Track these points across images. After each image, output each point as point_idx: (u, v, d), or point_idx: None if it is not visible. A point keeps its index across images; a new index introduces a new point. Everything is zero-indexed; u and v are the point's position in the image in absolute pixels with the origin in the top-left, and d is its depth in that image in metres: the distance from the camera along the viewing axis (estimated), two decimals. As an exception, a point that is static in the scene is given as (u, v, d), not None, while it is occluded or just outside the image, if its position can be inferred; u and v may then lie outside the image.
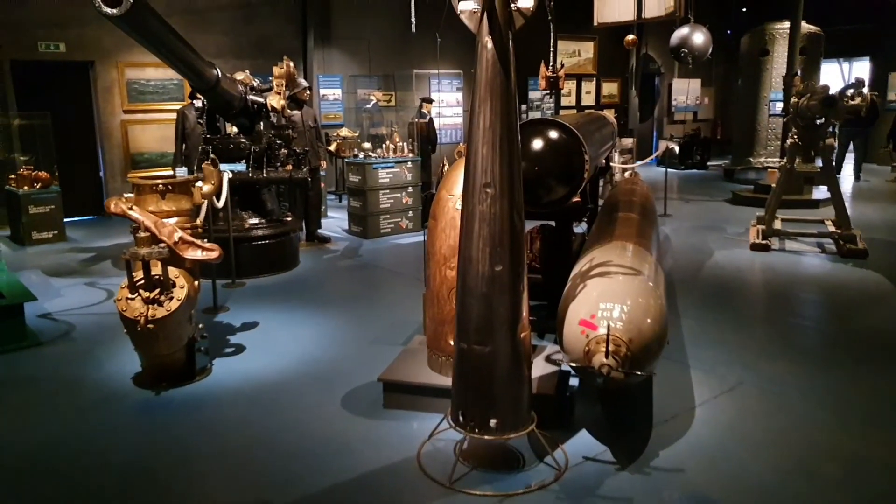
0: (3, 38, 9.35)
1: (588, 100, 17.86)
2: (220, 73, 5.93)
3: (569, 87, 17.50)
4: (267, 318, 5.52)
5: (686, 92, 19.58)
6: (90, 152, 10.59)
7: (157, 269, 3.93)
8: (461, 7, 3.04)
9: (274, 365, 4.54)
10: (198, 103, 6.96)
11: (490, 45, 2.94)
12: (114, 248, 8.26)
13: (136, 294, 3.89)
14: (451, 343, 3.59)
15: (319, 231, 8.69)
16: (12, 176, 8.64)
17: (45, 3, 9.42)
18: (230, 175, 6.46)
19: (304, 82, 8.36)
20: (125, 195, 4.15)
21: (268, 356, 4.70)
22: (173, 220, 4.18)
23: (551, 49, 13.81)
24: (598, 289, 3.42)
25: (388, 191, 9.02)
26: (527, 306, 3.14)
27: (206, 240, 4.35)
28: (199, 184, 4.34)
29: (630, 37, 14.40)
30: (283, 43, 11.66)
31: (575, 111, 17.36)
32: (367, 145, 9.17)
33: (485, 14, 2.93)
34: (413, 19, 9.85)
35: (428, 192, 10.09)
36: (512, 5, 2.95)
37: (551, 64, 13.68)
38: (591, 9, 13.22)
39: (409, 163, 9.27)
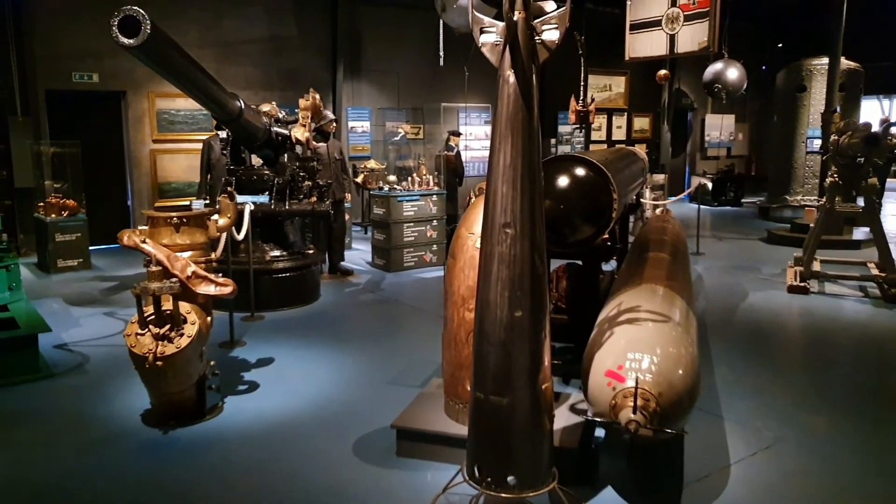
0: (39, 69, 9.54)
1: (619, 135, 17.69)
2: (242, 105, 5.90)
3: (599, 121, 17.36)
4: (283, 355, 5.38)
5: (720, 127, 19.30)
6: (119, 181, 10.71)
7: (168, 304, 3.82)
8: (482, 39, 2.91)
9: (287, 405, 4.39)
10: (223, 134, 6.95)
11: (512, 79, 2.80)
12: (137, 277, 8.23)
13: (146, 329, 3.78)
14: (469, 389, 3.40)
15: (342, 263, 8.58)
16: (41, 204, 8.72)
17: (79, 34, 9.60)
18: (252, 207, 6.40)
19: (330, 114, 8.34)
20: (139, 227, 4.07)
21: (281, 395, 4.55)
22: (187, 254, 4.08)
23: (582, 83, 13.75)
24: (625, 337, 3.21)
25: (412, 224, 8.90)
26: (549, 355, 2.94)
27: (221, 274, 4.24)
28: (215, 217, 4.25)
29: (662, 71, 14.25)
30: (313, 75, 11.75)
31: (605, 146, 17.21)
32: (392, 178, 9.11)
33: (507, 47, 2.80)
34: (441, 52, 9.86)
35: (454, 225, 9.98)
36: (536, 38, 2.81)
37: (582, 98, 13.60)
38: (623, 43, 13.15)
39: (435, 195, 9.16)
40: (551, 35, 2.84)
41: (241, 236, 5.94)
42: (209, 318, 4.12)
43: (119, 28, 3.55)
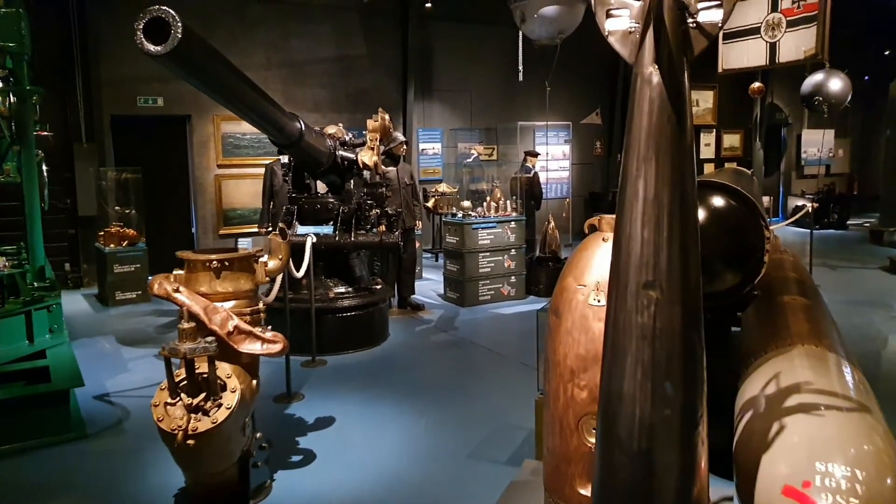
0: (104, 94, 9.30)
1: (707, 153, 16.47)
2: (303, 127, 5.27)
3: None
4: (346, 412, 4.65)
5: (818, 144, 17.76)
6: (183, 207, 10.37)
7: (203, 367, 3.14)
8: (609, 27, 2.09)
9: (348, 483, 3.64)
10: (284, 159, 6.37)
11: (655, 78, 1.97)
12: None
13: (178, 398, 3.10)
14: (581, 492, 2.57)
15: (412, 297, 7.86)
16: (101, 232, 8.38)
17: (144, 58, 9.28)
18: (314, 239, 5.76)
19: (400, 136, 7.68)
20: (175, 272, 3.43)
21: (342, 469, 3.81)
22: (230, 304, 3.41)
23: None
24: (804, 434, 2.30)
25: (488, 253, 8.11)
26: (705, 469, 2.07)
27: (269, 328, 3.55)
28: (264, 259, 3.58)
29: (756, 84, 13.10)
30: (383, 96, 11.19)
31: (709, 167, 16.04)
32: (466, 204, 8.36)
33: (647, 33, 1.98)
34: (521, 67, 9.11)
35: (532, 254, 9.12)
36: (689, 20, 1.98)
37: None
38: (713, 54, 12.02)
39: (513, 222, 8.35)
40: (712, 15, 1.99)
41: (300, 273, 5.29)
42: (255, 382, 3.42)
43: (145, 33, 2.94)
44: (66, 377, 4.43)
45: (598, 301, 2.60)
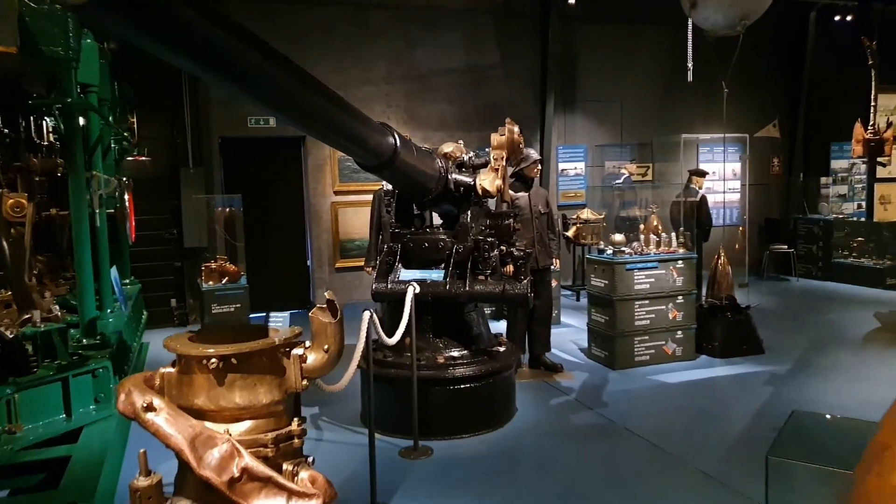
0: (213, 115, 8.60)
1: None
2: (398, 142, 3.92)
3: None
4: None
5: None
6: (297, 238, 9.47)
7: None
8: None
9: None
10: (389, 185, 5.10)
11: None
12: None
13: None
14: None
15: (547, 355, 6.30)
16: (203, 267, 7.55)
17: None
18: (416, 289, 4.40)
19: (533, 153, 6.20)
20: (161, 369, 2.17)
21: None
22: (242, 427, 2.09)
23: (872, 103, 10.31)
24: None
25: (647, 301, 6.39)
26: None
27: (308, 462, 2.18)
28: (300, 351, 2.23)
29: None
30: (518, 110, 9.74)
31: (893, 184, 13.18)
32: (618, 237, 6.67)
33: None
34: (690, 64, 7.35)
35: (700, 301, 7.21)
36: None
37: (871, 123, 10.17)
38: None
39: (680, 260, 6.57)
40: None
41: (394, 340, 3.94)
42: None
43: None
44: (82, 479, 3.33)
45: None
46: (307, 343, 2.27)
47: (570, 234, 9.59)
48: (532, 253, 5.13)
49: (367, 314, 3.49)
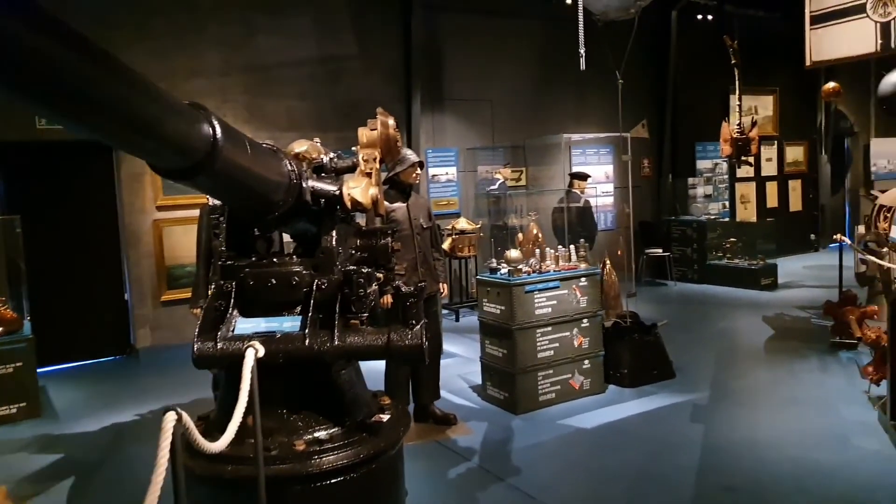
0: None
1: (769, 169, 13.80)
2: (219, 132, 2.48)
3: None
4: None
5: (890, 154, 15.11)
6: (110, 266, 7.55)
7: None
8: None
9: None
10: (215, 200, 3.62)
11: None
12: (120, 429, 4.99)
13: None
14: None
15: (436, 405, 5.08)
16: None
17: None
18: (260, 352, 2.98)
19: (411, 155, 4.97)
20: None
21: None
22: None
23: (737, 102, 10.10)
24: None
25: (549, 328, 5.35)
26: None
27: None
28: None
29: (830, 84, 10.46)
30: (381, 107, 8.44)
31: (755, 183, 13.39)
32: (513, 254, 5.55)
33: None
34: (582, 50, 6.42)
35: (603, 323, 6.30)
36: None
37: (738, 122, 9.96)
38: (794, 44, 9.30)
39: (583, 277, 5.60)
40: None
41: (220, 446, 2.52)
42: None
43: None
44: None
45: None
46: None
47: (445, 246, 8.47)
48: (424, 287, 3.82)
49: (170, 420, 2.06)
